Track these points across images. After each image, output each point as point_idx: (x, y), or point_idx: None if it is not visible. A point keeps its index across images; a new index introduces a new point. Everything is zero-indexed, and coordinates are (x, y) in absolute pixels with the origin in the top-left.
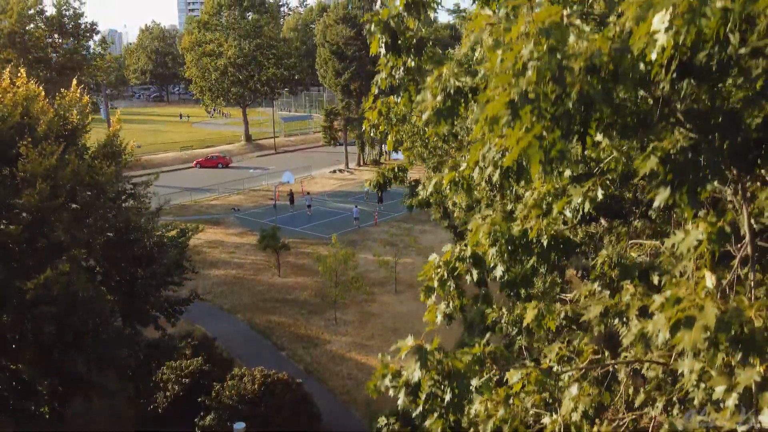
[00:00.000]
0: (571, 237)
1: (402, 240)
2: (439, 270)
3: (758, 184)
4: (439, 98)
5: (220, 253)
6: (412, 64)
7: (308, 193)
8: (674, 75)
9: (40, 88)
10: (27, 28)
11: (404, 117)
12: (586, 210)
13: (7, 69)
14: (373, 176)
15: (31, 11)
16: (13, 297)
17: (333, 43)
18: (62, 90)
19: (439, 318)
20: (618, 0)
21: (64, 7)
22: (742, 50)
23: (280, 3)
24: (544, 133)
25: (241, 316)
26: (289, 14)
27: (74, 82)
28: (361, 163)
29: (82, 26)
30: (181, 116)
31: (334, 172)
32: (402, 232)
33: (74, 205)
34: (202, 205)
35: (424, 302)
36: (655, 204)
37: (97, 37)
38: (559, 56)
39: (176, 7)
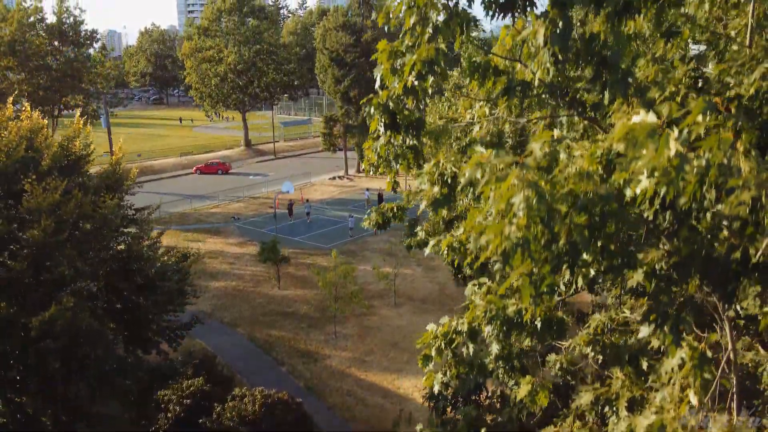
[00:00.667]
0: (565, 317)
1: (401, 250)
2: (436, 340)
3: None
4: (436, 189)
5: (221, 264)
6: (412, 142)
7: (307, 200)
8: (657, 207)
9: (45, 120)
10: (27, 36)
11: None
12: (579, 285)
13: (10, 99)
14: (373, 216)
15: (31, 19)
16: (17, 332)
17: (332, 50)
18: (65, 122)
19: (437, 387)
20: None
21: (65, 15)
22: (719, 207)
23: (280, 6)
24: (535, 269)
25: (242, 330)
26: (289, 17)
27: (78, 113)
28: (361, 170)
29: (83, 33)
30: (180, 120)
31: (334, 179)
32: (401, 242)
33: (77, 232)
34: (202, 213)
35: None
36: (640, 335)
37: (97, 45)
38: (548, 197)
39: (176, 9)
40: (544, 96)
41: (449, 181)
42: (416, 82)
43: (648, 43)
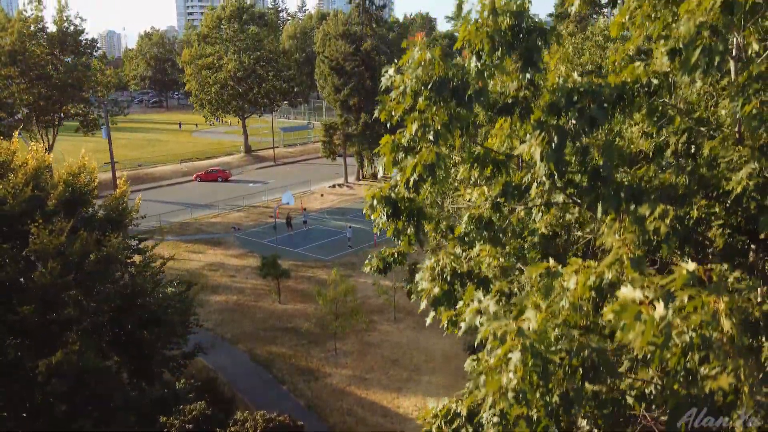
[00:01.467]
0: None
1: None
2: (436, 419)
3: None
4: (436, 290)
5: (221, 277)
6: (412, 231)
7: (305, 209)
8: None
9: (50, 156)
10: (28, 45)
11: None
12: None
13: (16, 133)
14: (373, 261)
15: (32, 28)
16: (24, 374)
17: (332, 59)
18: (69, 161)
19: None
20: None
21: (65, 23)
22: (704, 371)
23: (279, 9)
24: (531, 413)
25: (242, 347)
26: (289, 20)
27: (83, 151)
28: (360, 177)
29: (83, 42)
30: (180, 125)
31: (333, 186)
32: None
33: (82, 270)
34: (202, 223)
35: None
36: None
37: (97, 53)
38: (543, 350)
39: (175, 10)
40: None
41: (449, 278)
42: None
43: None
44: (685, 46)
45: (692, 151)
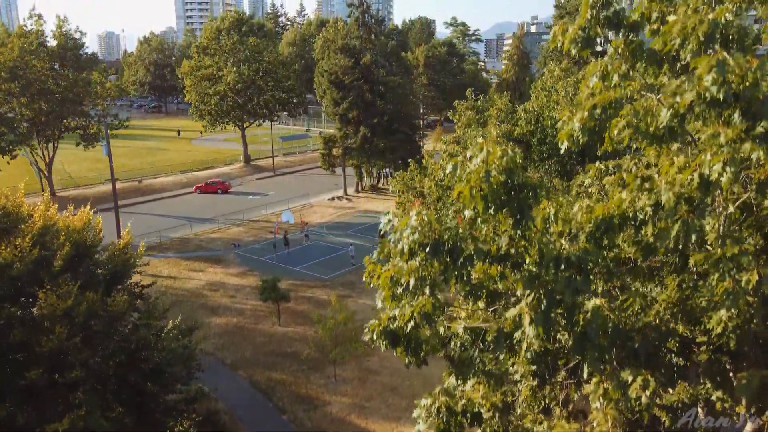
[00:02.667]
0: None
1: None
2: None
3: None
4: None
5: (221, 297)
6: (411, 355)
7: (306, 224)
8: None
9: (57, 215)
10: (28, 60)
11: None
12: None
13: (22, 184)
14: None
15: (33, 44)
16: None
17: (331, 72)
18: (73, 217)
19: None
20: None
21: (65, 38)
22: None
23: (279, 14)
24: None
25: (243, 373)
26: (288, 24)
27: (87, 208)
28: (359, 190)
29: (83, 57)
30: (179, 133)
31: (333, 199)
32: None
33: (87, 330)
34: (202, 238)
35: None
36: None
37: (97, 67)
38: None
39: (174, 12)
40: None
41: (444, 418)
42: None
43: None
44: (665, 227)
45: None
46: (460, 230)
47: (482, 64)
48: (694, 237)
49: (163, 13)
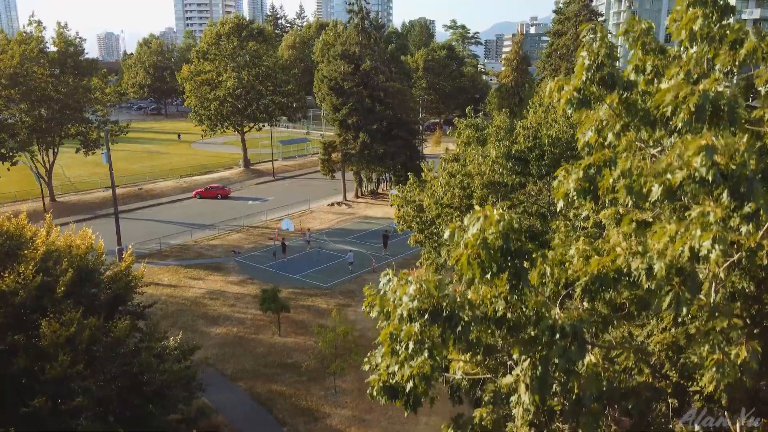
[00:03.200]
0: None
1: None
2: None
3: None
4: None
5: (221, 306)
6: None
7: (308, 229)
8: None
9: (60, 238)
10: (28, 66)
11: None
12: None
13: (23, 215)
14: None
15: (34, 51)
16: None
17: (331, 78)
18: (74, 237)
19: None
20: None
21: (65, 45)
22: None
23: (278, 16)
24: None
25: (243, 385)
26: (288, 26)
27: (90, 231)
28: (359, 195)
29: (83, 63)
30: (179, 136)
31: (332, 205)
32: None
33: (89, 356)
34: (202, 245)
35: None
36: None
37: (97, 72)
38: None
39: (173, 13)
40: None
41: None
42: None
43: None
44: (657, 289)
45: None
46: (458, 298)
47: (482, 66)
48: (685, 310)
49: (163, 13)
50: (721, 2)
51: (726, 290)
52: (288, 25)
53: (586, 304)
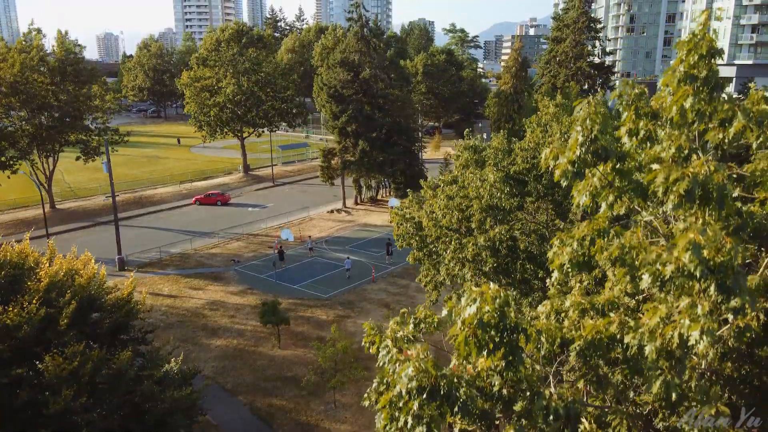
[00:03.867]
0: None
1: (399, 302)
2: None
3: None
4: None
5: (221, 317)
6: None
7: (309, 237)
8: None
9: (63, 264)
10: (28, 75)
11: None
12: None
13: (26, 240)
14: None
15: (34, 60)
16: None
17: (330, 86)
18: (79, 267)
19: None
20: None
21: (65, 53)
22: None
23: (278, 19)
24: None
25: (243, 399)
26: (287, 29)
27: (92, 257)
28: (358, 202)
29: (83, 71)
30: (179, 141)
31: (332, 212)
32: (398, 291)
33: (92, 386)
34: (202, 254)
35: None
36: None
37: (97, 81)
38: None
39: (173, 14)
40: None
41: None
42: None
43: None
44: (648, 371)
45: None
46: (455, 379)
47: (481, 69)
48: (674, 395)
49: (162, 13)
50: (711, 79)
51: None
52: (287, 27)
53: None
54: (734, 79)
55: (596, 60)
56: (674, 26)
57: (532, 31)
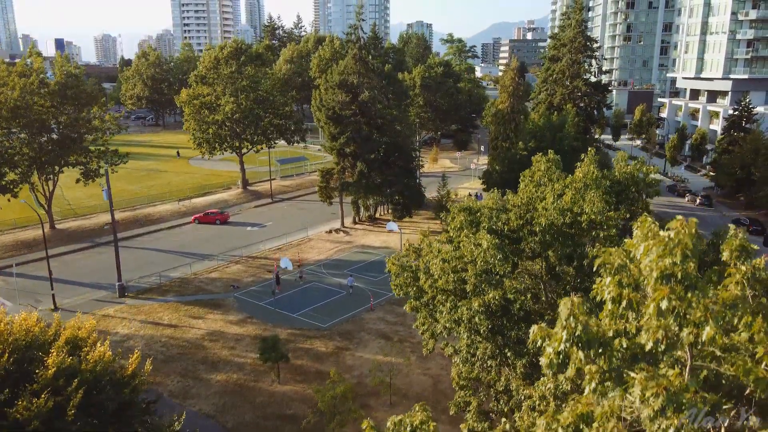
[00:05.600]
0: None
1: (397, 332)
2: None
3: None
4: None
5: (221, 349)
6: None
7: (300, 265)
8: None
9: (70, 346)
10: (29, 99)
11: None
12: None
13: (34, 314)
14: None
15: (35, 84)
16: None
17: (329, 107)
18: (85, 344)
19: None
20: None
21: (64, 76)
22: None
23: (276, 27)
24: None
25: None
26: (285, 36)
27: (91, 322)
28: (357, 221)
29: (83, 94)
30: (178, 153)
31: (330, 232)
32: (397, 320)
33: None
34: (201, 278)
35: None
36: None
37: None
38: None
39: (171, 21)
40: None
41: None
42: None
43: None
44: None
45: None
46: None
47: (478, 73)
48: None
49: (161, 14)
50: (686, 282)
51: None
52: (285, 35)
53: None
54: (729, 93)
55: (593, 78)
56: (671, 36)
57: (529, 35)
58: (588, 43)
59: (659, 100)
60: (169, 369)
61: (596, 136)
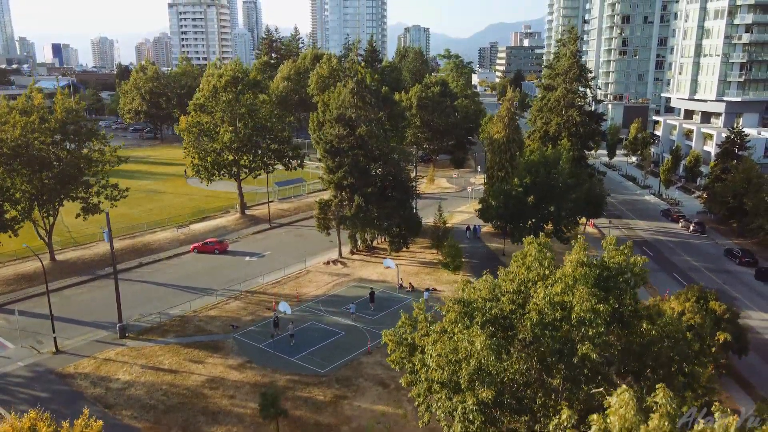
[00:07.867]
0: None
1: (394, 378)
2: None
3: None
4: None
5: (221, 398)
6: None
7: (291, 325)
8: None
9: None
10: (30, 137)
11: None
12: None
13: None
14: None
15: (35, 122)
16: None
17: (327, 141)
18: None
19: None
20: None
21: (65, 113)
22: None
23: (273, 39)
24: None
25: None
26: (283, 48)
27: (87, 411)
28: (355, 251)
29: (84, 130)
30: (186, 173)
31: (328, 263)
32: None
33: None
34: (201, 317)
35: None
36: None
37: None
38: None
39: (168, 28)
40: None
41: None
42: None
43: None
44: None
45: None
46: None
47: (475, 86)
48: None
49: (158, 16)
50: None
51: None
52: (283, 47)
53: None
54: (723, 114)
55: (587, 107)
56: (666, 50)
57: (526, 42)
58: (582, 73)
59: (654, 118)
60: (170, 421)
61: (593, 151)
